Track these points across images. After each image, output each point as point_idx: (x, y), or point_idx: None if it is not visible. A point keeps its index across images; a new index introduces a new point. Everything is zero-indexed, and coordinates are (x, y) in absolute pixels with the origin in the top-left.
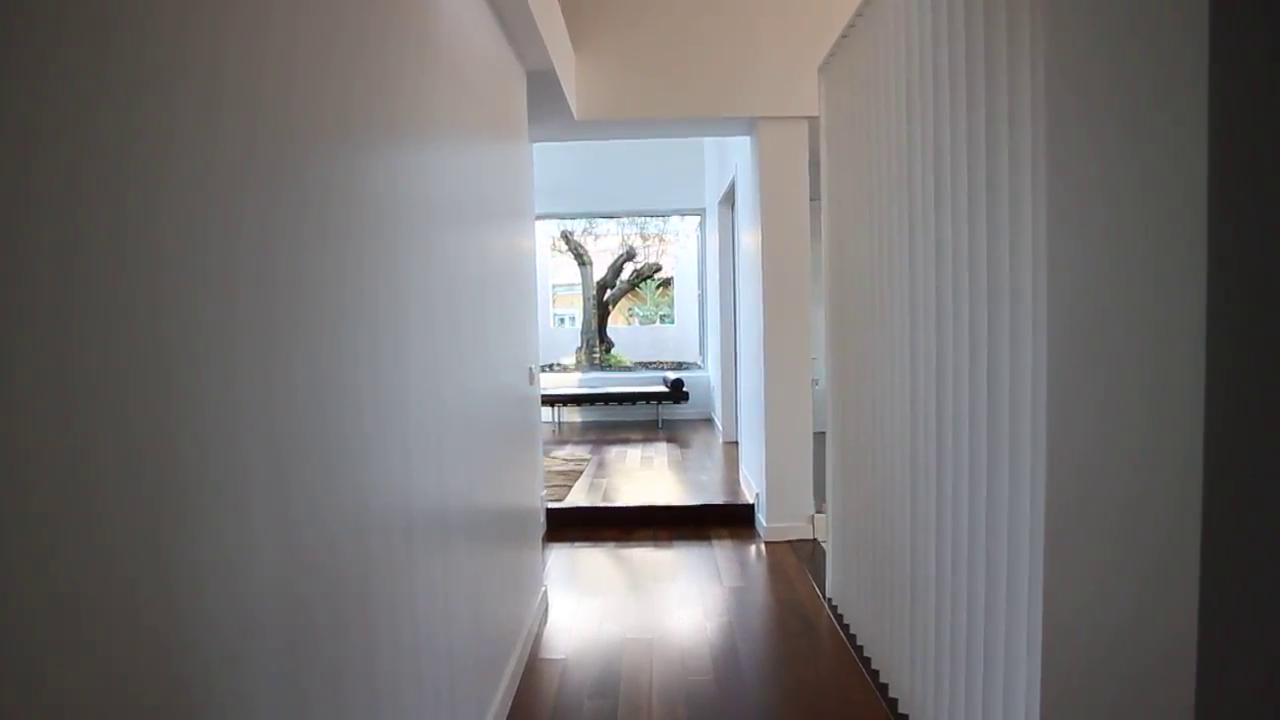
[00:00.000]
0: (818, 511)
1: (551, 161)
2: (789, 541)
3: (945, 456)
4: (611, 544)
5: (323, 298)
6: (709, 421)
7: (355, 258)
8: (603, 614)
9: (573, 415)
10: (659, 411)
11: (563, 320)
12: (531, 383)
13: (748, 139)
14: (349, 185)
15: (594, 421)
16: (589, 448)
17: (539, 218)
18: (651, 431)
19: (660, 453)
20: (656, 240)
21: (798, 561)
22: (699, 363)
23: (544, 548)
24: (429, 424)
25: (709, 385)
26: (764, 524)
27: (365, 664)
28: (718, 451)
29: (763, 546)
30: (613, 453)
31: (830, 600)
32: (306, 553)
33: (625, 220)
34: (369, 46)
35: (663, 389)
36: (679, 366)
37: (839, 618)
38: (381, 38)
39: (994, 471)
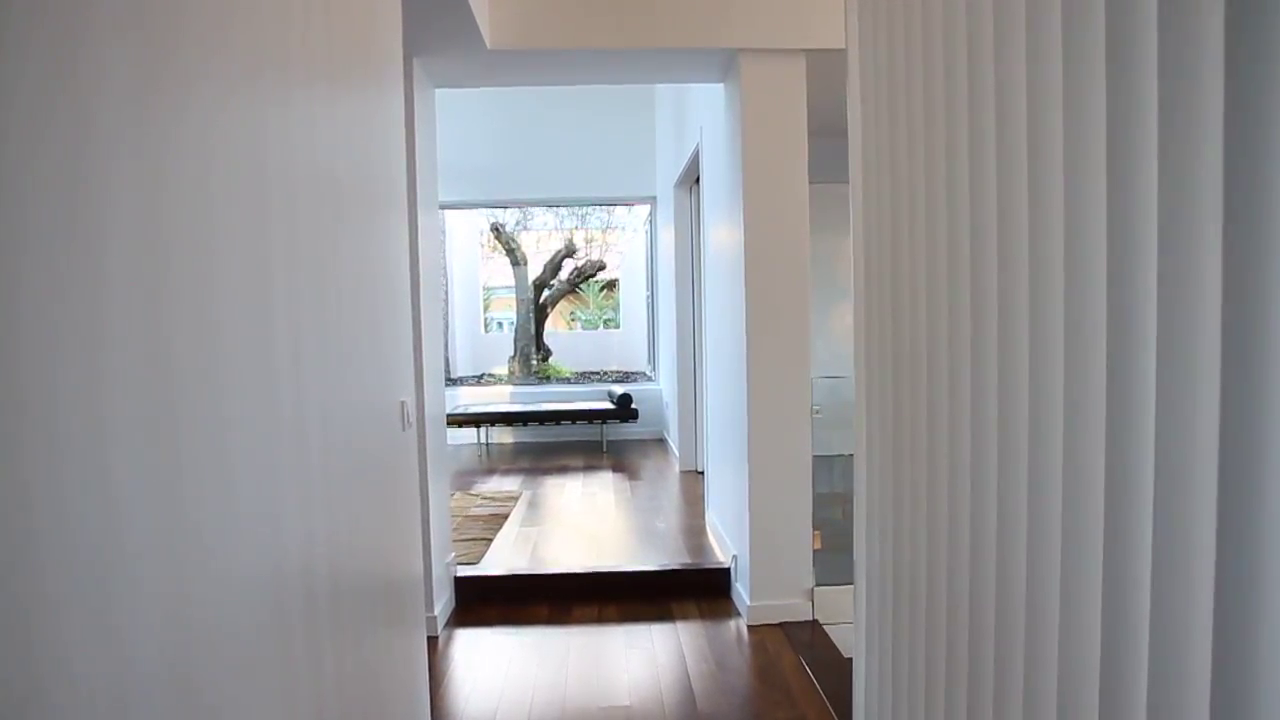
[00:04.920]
0: (818, 583)
1: (475, 139)
2: (780, 625)
3: (1121, 524)
4: (541, 628)
5: None
6: (661, 442)
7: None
8: None
9: (504, 436)
10: (604, 432)
11: (500, 325)
12: (405, 426)
13: (721, 86)
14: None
15: (528, 443)
16: (520, 478)
17: (458, 206)
18: (595, 456)
19: (606, 486)
20: (600, 235)
21: (797, 659)
22: (648, 373)
23: (448, 637)
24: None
25: (661, 400)
26: (745, 599)
27: None
28: (674, 485)
29: (744, 630)
30: (548, 485)
31: None
32: None
33: (564, 212)
34: None
35: (608, 405)
36: (625, 378)
37: None
38: None
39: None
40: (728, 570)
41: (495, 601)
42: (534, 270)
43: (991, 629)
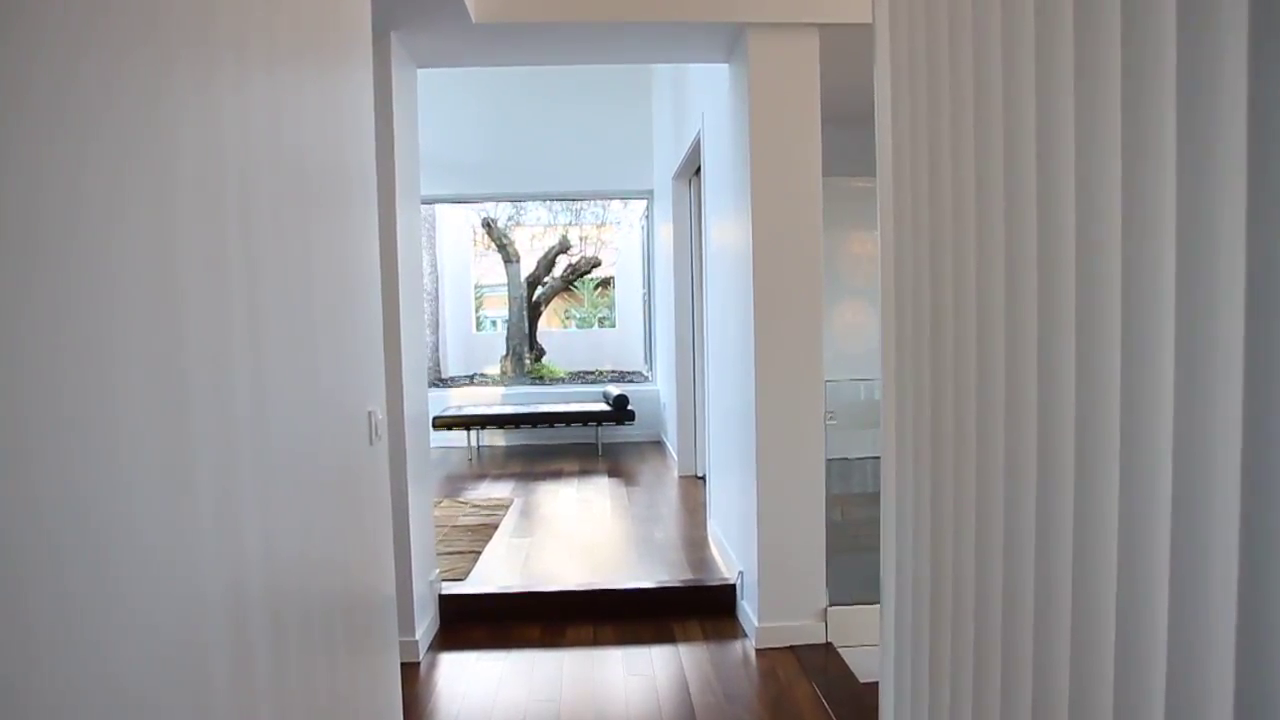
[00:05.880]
0: (832, 603)
1: (465, 130)
2: (791, 648)
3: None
4: (533, 650)
5: None
6: (658, 445)
7: None
8: None
9: (495, 439)
10: (599, 434)
11: (493, 324)
12: (374, 438)
13: (725, 66)
14: None
15: (521, 446)
16: (512, 484)
17: (448, 200)
18: (590, 459)
19: (601, 492)
20: (594, 230)
21: (811, 689)
22: (645, 373)
23: (431, 662)
24: None
25: (658, 402)
26: (753, 619)
27: None
28: (673, 491)
29: (752, 654)
30: (541, 492)
31: None
32: None
33: (558, 207)
34: None
35: (604, 407)
36: (621, 378)
37: None
38: None
39: None
40: (733, 587)
41: (483, 622)
42: (527, 267)
43: (1066, 658)
